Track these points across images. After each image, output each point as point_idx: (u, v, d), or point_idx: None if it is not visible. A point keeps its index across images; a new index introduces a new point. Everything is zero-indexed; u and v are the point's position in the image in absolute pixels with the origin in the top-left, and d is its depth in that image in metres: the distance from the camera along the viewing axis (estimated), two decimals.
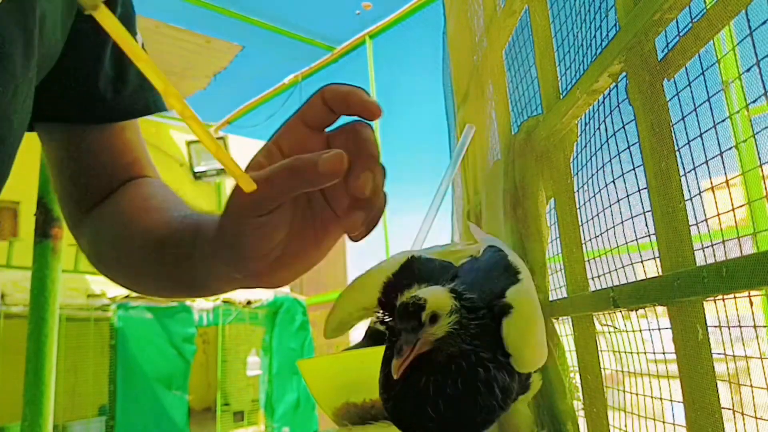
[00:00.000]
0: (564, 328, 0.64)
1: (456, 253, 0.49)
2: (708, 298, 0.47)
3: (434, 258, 0.49)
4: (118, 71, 0.45)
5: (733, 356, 0.54)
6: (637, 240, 0.55)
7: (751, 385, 0.52)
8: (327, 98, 0.31)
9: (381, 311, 0.45)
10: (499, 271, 0.46)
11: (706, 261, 0.52)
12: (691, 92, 0.53)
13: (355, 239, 0.32)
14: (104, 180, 0.47)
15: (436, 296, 0.39)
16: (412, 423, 0.39)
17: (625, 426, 0.56)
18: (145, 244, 0.40)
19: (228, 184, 5.44)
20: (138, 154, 0.49)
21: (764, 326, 0.55)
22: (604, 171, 0.56)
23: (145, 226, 0.41)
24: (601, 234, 0.57)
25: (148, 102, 0.47)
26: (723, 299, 0.51)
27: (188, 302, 3.99)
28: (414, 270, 0.46)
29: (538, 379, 0.46)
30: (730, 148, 0.53)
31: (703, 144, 0.53)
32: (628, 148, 0.56)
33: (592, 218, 0.59)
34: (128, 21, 0.46)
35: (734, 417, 0.48)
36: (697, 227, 0.50)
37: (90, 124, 0.45)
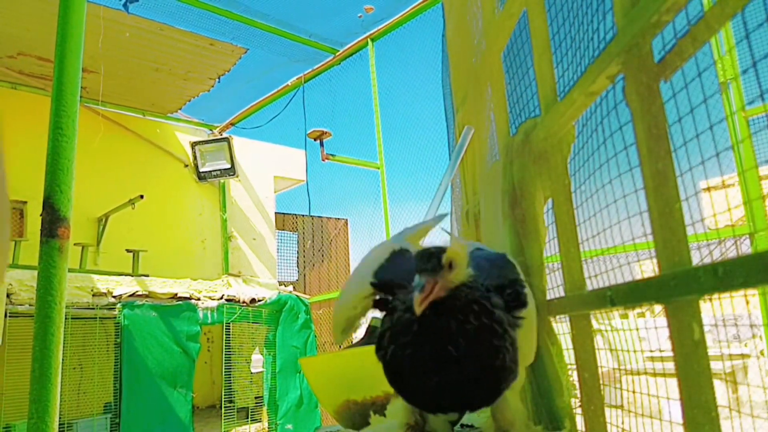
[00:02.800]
0: (562, 326, 0.64)
1: (426, 229, 0.50)
2: (704, 298, 0.48)
3: (414, 249, 0.50)
4: None
5: (730, 355, 0.55)
6: (633, 240, 0.55)
7: (748, 384, 0.52)
8: None
9: (377, 292, 0.46)
10: (502, 263, 0.48)
11: (702, 261, 0.52)
12: (688, 94, 0.53)
13: None
14: None
15: (456, 248, 0.41)
16: (431, 367, 0.38)
17: (623, 423, 0.57)
18: None
19: (233, 185, 5.46)
20: None
21: (762, 325, 0.55)
22: (601, 172, 0.57)
23: None
24: (598, 234, 0.58)
25: None
26: (719, 298, 0.51)
27: (193, 301, 4.01)
28: (405, 258, 0.47)
29: (522, 371, 0.47)
30: (726, 149, 0.54)
31: (699, 145, 0.53)
32: (626, 149, 0.56)
33: (590, 218, 0.59)
34: None
35: (731, 415, 0.48)
36: (693, 227, 0.51)
37: None
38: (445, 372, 0.38)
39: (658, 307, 0.51)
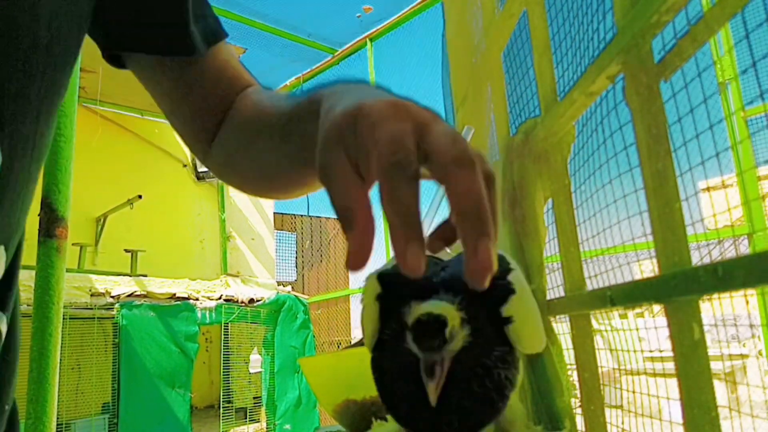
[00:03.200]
0: (561, 326, 0.64)
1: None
2: (704, 298, 0.48)
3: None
4: (195, 4, 0.49)
5: (729, 355, 0.55)
6: (633, 240, 0.55)
7: (747, 384, 0.52)
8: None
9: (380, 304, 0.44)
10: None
11: (702, 260, 0.52)
12: (688, 94, 0.53)
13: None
14: (214, 103, 0.51)
15: (449, 311, 0.39)
16: (426, 417, 0.38)
17: (623, 423, 0.57)
18: (272, 139, 0.43)
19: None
20: (236, 69, 0.53)
21: (760, 324, 0.55)
22: (601, 172, 0.57)
23: (267, 124, 0.44)
24: (598, 234, 0.58)
25: (220, 26, 0.52)
26: (719, 298, 0.51)
27: (191, 301, 4.01)
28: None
29: (521, 369, 0.46)
30: (726, 149, 0.54)
31: (699, 145, 0.53)
32: (625, 149, 0.56)
33: (590, 218, 0.59)
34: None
35: (731, 414, 0.48)
36: (693, 227, 0.51)
37: (191, 55, 0.48)
38: (440, 421, 0.38)
39: (657, 307, 0.51)
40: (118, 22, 0.46)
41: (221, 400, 4.37)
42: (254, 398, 4.63)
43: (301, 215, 7.09)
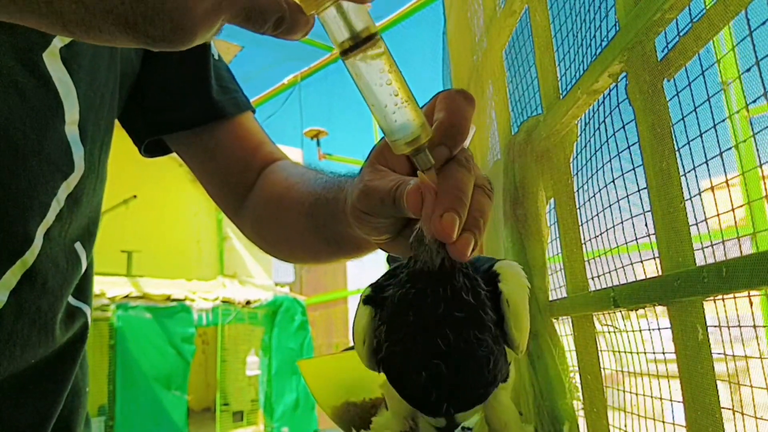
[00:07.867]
0: (564, 327, 0.64)
1: None
2: (708, 298, 0.47)
3: None
4: (218, 78, 0.55)
5: (733, 356, 0.54)
6: (637, 240, 0.55)
7: (751, 385, 0.52)
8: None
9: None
10: (481, 261, 0.46)
11: (705, 261, 0.52)
12: (691, 92, 0.53)
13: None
14: (241, 167, 0.55)
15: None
16: (421, 363, 0.38)
17: (625, 426, 0.56)
18: (299, 215, 0.47)
19: None
20: (261, 138, 0.57)
21: (763, 326, 0.55)
22: (604, 171, 0.56)
23: (295, 200, 0.48)
24: (601, 234, 0.57)
25: (248, 100, 0.58)
26: (723, 299, 0.51)
27: (187, 302, 3.99)
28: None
29: (514, 370, 0.46)
30: (729, 149, 0.53)
31: (703, 144, 0.53)
32: (628, 147, 0.56)
33: (592, 218, 0.59)
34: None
35: (734, 417, 0.48)
36: (697, 227, 0.50)
37: (214, 123, 0.54)
38: (433, 366, 0.38)
39: (660, 308, 0.51)
40: (154, 110, 0.54)
41: (218, 402, 4.35)
42: (251, 401, 4.61)
43: None
